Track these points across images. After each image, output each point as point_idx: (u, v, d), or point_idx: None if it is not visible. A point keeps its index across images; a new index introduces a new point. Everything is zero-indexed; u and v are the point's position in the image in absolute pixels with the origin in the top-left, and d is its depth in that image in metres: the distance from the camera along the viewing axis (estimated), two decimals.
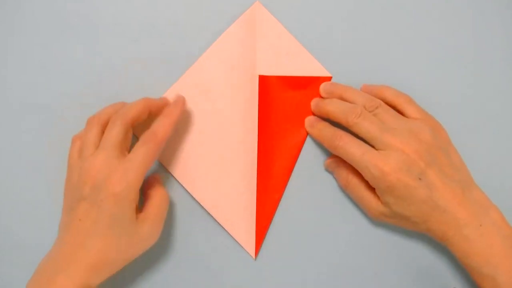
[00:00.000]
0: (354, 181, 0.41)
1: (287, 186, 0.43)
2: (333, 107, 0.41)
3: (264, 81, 0.42)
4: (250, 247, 0.42)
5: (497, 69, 0.44)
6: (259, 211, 0.42)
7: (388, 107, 0.40)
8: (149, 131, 0.38)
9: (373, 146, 0.39)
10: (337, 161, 0.42)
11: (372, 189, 0.40)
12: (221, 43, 0.43)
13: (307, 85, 0.43)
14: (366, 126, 0.38)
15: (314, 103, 0.43)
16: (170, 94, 0.42)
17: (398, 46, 0.44)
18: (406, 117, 0.41)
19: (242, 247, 0.42)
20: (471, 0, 0.44)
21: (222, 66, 0.43)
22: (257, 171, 0.42)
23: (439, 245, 0.39)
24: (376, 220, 0.41)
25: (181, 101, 0.41)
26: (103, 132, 0.38)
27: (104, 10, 0.43)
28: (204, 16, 0.43)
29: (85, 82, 0.43)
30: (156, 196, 0.39)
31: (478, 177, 0.40)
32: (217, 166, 0.42)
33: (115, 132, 0.37)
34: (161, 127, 0.38)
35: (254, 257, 0.42)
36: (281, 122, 0.42)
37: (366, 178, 0.39)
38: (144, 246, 0.38)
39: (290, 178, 0.43)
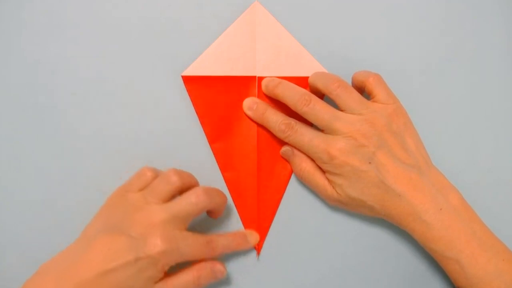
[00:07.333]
0: (307, 169, 0.40)
1: (288, 186, 0.43)
2: (282, 91, 0.40)
3: None
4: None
5: (497, 69, 0.44)
6: (260, 211, 0.42)
7: (352, 89, 0.39)
8: (214, 243, 0.37)
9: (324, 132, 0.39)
10: (291, 148, 0.41)
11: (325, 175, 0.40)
12: (220, 43, 0.43)
13: (307, 85, 0.43)
14: (315, 114, 0.38)
15: (264, 84, 0.42)
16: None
17: (398, 46, 0.44)
18: (372, 97, 0.40)
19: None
20: (471, 0, 0.45)
21: (221, 66, 0.43)
22: (257, 171, 0.42)
23: None
24: (335, 205, 0.41)
25: (253, 241, 0.41)
26: (180, 191, 0.37)
27: (104, 10, 0.43)
28: (203, 16, 0.43)
29: (85, 82, 0.42)
30: (190, 280, 0.37)
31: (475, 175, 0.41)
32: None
33: (194, 212, 0.36)
34: (224, 248, 0.38)
35: (256, 257, 0.42)
36: None
37: (318, 164, 0.39)
38: None
39: (291, 178, 0.43)
